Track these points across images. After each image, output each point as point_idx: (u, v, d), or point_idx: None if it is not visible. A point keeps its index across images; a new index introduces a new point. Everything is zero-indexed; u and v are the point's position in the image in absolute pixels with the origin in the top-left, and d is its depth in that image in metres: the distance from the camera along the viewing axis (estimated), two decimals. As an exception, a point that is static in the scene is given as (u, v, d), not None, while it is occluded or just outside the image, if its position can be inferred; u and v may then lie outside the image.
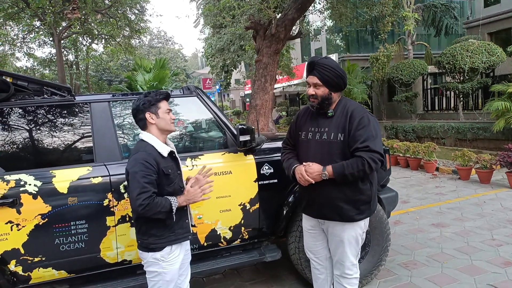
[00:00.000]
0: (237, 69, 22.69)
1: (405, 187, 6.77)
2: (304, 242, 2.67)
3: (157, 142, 2.15)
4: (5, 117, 2.60)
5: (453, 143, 10.23)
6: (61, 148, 2.71)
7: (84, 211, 2.55)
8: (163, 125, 2.19)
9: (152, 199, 1.99)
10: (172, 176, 2.16)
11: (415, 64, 12.14)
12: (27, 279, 2.49)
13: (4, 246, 2.41)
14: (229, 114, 30.57)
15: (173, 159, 2.23)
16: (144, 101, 2.16)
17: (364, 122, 2.24)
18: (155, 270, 2.13)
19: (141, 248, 2.16)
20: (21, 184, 2.44)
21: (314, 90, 2.31)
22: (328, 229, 2.45)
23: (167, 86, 15.77)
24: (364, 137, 2.20)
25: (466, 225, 4.57)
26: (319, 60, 2.30)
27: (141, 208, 1.97)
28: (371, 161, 2.16)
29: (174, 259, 2.17)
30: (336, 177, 2.22)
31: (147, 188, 1.99)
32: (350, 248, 2.41)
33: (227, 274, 3.72)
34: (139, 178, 2.00)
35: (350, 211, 2.30)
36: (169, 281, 2.16)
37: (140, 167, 2.02)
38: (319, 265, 2.62)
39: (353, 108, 2.32)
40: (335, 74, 2.28)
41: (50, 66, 24.82)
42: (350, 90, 12.95)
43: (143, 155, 2.05)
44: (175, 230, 2.15)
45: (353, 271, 2.49)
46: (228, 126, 3.00)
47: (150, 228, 2.10)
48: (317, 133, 2.36)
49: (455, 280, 3.25)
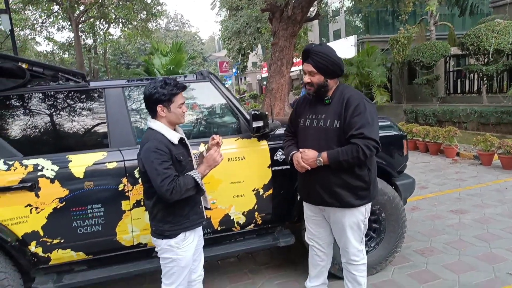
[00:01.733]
0: (254, 52, 22.51)
1: (423, 172, 6.65)
2: (306, 230, 2.69)
3: (167, 130, 2.13)
4: (21, 103, 2.65)
5: (475, 128, 9.93)
6: (77, 134, 2.75)
7: (100, 195, 2.59)
8: (173, 119, 2.16)
9: (175, 182, 2.00)
10: (184, 163, 2.16)
11: (437, 46, 11.73)
12: (47, 260, 2.58)
13: (24, 228, 2.49)
14: (246, 97, 30.50)
15: (184, 145, 2.22)
16: (159, 94, 2.08)
17: (360, 109, 2.24)
18: (169, 256, 2.16)
19: (155, 235, 2.19)
20: (39, 168, 2.49)
21: (310, 78, 2.32)
22: (329, 216, 2.47)
23: (184, 69, 15.81)
24: (359, 124, 2.21)
25: (486, 212, 4.46)
26: (313, 47, 2.30)
27: (169, 193, 1.98)
28: (366, 148, 2.18)
29: (188, 246, 2.19)
30: (331, 163, 2.25)
31: (167, 173, 2.00)
32: (353, 234, 2.43)
33: (242, 258, 3.76)
34: (157, 166, 2.00)
35: (348, 196, 2.32)
36: (183, 267, 2.19)
37: (154, 155, 2.01)
38: (321, 251, 2.65)
39: (350, 94, 2.32)
40: (330, 61, 2.27)
41: (69, 50, 25.15)
42: (369, 73, 12.68)
43: (154, 143, 2.04)
44: (190, 217, 2.17)
45: (359, 257, 2.50)
46: (241, 111, 2.97)
47: (167, 215, 2.12)
48: (315, 120, 2.38)
49: (473, 268, 3.19)
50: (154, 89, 2.09)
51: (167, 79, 2.14)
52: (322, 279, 2.73)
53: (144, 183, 2.16)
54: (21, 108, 2.64)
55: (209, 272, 3.46)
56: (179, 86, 2.14)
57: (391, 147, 3.31)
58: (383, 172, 3.23)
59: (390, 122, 3.48)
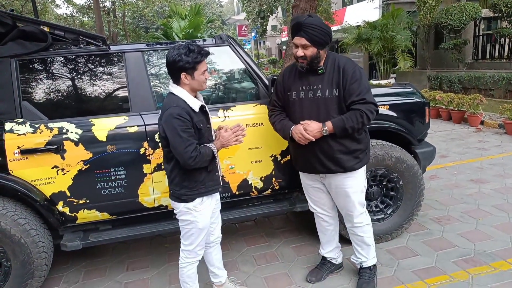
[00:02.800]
0: (274, 14, 21.83)
1: (445, 141, 6.52)
2: (308, 199, 2.73)
3: (189, 96, 2.13)
4: (44, 66, 2.69)
5: (502, 95, 9.55)
6: (98, 98, 2.80)
7: (122, 158, 2.67)
8: (196, 86, 2.15)
9: (198, 150, 2.05)
10: (203, 131, 2.18)
11: (467, 8, 11.11)
12: (73, 219, 2.71)
13: (51, 188, 2.61)
14: (264, 62, 30.02)
15: (203, 113, 2.23)
16: (184, 62, 2.04)
17: (356, 76, 2.26)
18: (187, 219, 2.23)
19: (173, 198, 2.25)
20: (64, 131, 2.57)
21: (303, 51, 2.28)
22: (330, 183, 2.50)
23: (202, 33, 15.59)
24: (359, 90, 2.25)
25: (507, 182, 4.39)
26: (305, 20, 2.24)
27: (192, 160, 2.02)
28: (369, 112, 2.26)
29: (205, 209, 2.25)
30: (337, 131, 2.28)
31: (190, 141, 2.03)
32: (356, 197, 2.48)
33: (258, 221, 3.86)
34: (181, 133, 2.01)
35: (350, 161, 2.38)
36: (202, 229, 2.26)
37: (178, 122, 2.02)
38: (327, 216, 2.70)
39: (344, 62, 2.32)
40: (322, 32, 2.24)
41: (88, 13, 25.05)
42: (393, 37, 12.19)
43: (177, 110, 2.04)
44: (206, 183, 2.21)
45: (363, 218, 2.57)
46: (260, 77, 2.95)
47: (183, 180, 2.17)
48: (310, 91, 2.35)
49: (490, 237, 3.19)
50: (179, 56, 2.04)
51: (191, 45, 2.08)
52: (334, 243, 2.79)
53: (164, 147, 2.20)
54: (44, 72, 2.69)
55: (227, 234, 3.58)
56: (203, 53, 2.10)
57: (413, 114, 3.24)
58: (403, 140, 3.19)
59: (413, 88, 3.39)
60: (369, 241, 2.61)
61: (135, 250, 3.44)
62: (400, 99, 3.21)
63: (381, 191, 3.16)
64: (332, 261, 2.81)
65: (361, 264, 2.68)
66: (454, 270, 2.76)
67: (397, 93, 3.30)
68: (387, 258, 2.97)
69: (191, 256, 2.31)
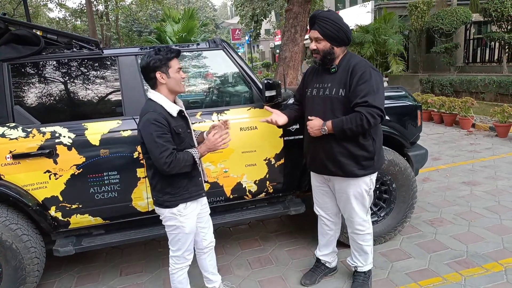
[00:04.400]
0: (267, 18, 21.96)
1: (437, 143, 6.58)
2: (313, 200, 2.74)
3: (166, 101, 2.12)
4: (37, 70, 2.68)
5: (493, 98, 9.68)
6: (91, 102, 2.78)
7: (115, 162, 2.66)
8: (173, 86, 2.14)
9: (174, 155, 2.03)
10: (183, 135, 2.16)
11: (458, 12, 11.27)
12: (66, 223, 2.69)
13: (44, 193, 2.59)
14: (258, 66, 30.10)
15: (183, 118, 2.21)
16: (155, 60, 2.07)
17: (365, 77, 2.21)
18: (173, 224, 2.22)
19: (156, 204, 2.24)
20: (56, 136, 2.56)
21: (316, 45, 2.31)
22: (334, 186, 2.51)
23: (196, 37, 15.59)
24: (364, 92, 2.18)
25: (499, 184, 4.44)
26: (319, 13, 2.27)
27: (167, 166, 2.01)
28: (370, 116, 2.16)
29: (190, 213, 2.24)
30: (335, 132, 2.26)
31: (165, 146, 2.01)
32: (357, 204, 2.46)
33: (253, 225, 3.86)
34: (156, 138, 2.00)
35: (351, 166, 2.34)
36: (188, 234, 2.25)
37: (154, 127, 2.01)
38: (329, 221, 2.71)
39: (356, 62, 2.29)
40: (335, 27, 2.25)
41: (81, 17, 24.95)
42: (385, 41, 12.31)
43: (154, 115, 2.03)
44: (188, 188, 2.20)
45: (365, 227, 2.55)
46: (254, 80, 2.96)
47: (166, 186, 2.15)
48: (321, 89, 2.38)
49: (482, 238, 3.22)
50: (150, 57, 2.08)
51: (160, 47, 2.15)
52: (331, 247, 2.80)
53: (143, 153, 2.18)
54: (36, 76, 2.67)
55: (221, 238, 3.57)
56: (173, 50, 2.13)
57: (405, 117, 3.27)
58: (395, 143, 3.22)
59: (405, 92, 3.42)
60: (368, 250, 2.61)
61: (128, 255, 3.41)
62: (392, 103, 3.24)
63: (375, 194, 3.18)
64: (326, 264, 2.81)
65: (356, 268, 2.69)
66: (447, 272, 2.78)
67: (389, 96, 3.32)
68: (381, 261, 2.99)
69: (180, 261, 2.31)
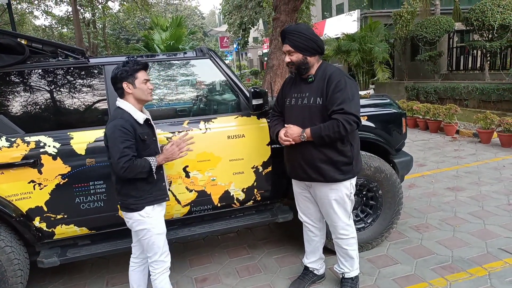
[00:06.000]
0: (255, 27, 22.12)
1: (422, 150, 6.69)
2: (297, 208, 2.77)
3: (133, 109, 2.22)
4: (21, 79, 2.65)
5: (476, 105, 9.90)
6: (77, 111, 2.76)
7: (101, 171, 2.64)
8: (140, 95, 2.25)
9: (132, 161, 2.10)
10: (148, 142, 2.25)
11: (441, 21, 11.54)
12: (51, 234, 2.65)
13: (28, 204, 2.54)
14: (246, 74, 30.21)
15: (149, 126, 2.31)
16: (122, 71, 2.19)
17: (341, 85, 2.30)
18: (143, 227, 2.26)
19: (123, 208, 2.27)
20: (41, 145, 2.53)
21: (290, 58, 2.41)
22: (315, 192, 2.55)
23: (184, 45, 15.58)
24: (340, 100, 2.28)
25: (482, 190, 4.52)
26: (288, 28, 2.40)
27: (123, 171, 2.08)
28: (346, 123, 2.25)
29: (157, 214, 2.31)
30: (314, 138, 2.34)
31: (126, 152, 2.09)
32: (339, 208, 2.51)
33: (241, 233, 3.85)
34: (119, 144, 2.09)
35: (330, 171, 2.41)
36: (160, 234, 2.30)
37: (119, 133, 2.10)
38: (314, 227, 2.74)
39: (331, 72, 2.39)
40: (304, 38, 2.35)
41: (67, 25, 24.75)
42: (371, 49, 12.50)
43: (121, 122, 2.13)
44: (152, 192, 2.26)
45: (348, 231, 2.59)
46: (241, 89, 2.98)
47: (129, 190, 2.21)
48: (299, 98, 2.46)
49: (466, 243, 3.27)
50: (118, 69, 2.21)
51: (129, 59, 2.27)
52: (318, 254, 2.81)
53: (108, 158, 2.24)
54: (21, 85, 2.64)
55: (209, 246, 3.56)
56: (140, 63, 2.25)
57: (390, 124, 3.33)
58: (381, 150, 3.27)
59: (390, 99, 3.48)
60: (353, 254, 2.64)
61: (115, 265, 3.37)
62: (377, 110, 3.29)
63: (361, 201, 3.22)
64: (314, 271, 2.82)
65: (343, 275, 2.71)
66: (432, 277, 2.82)
67: (375, 104, 3.37)
68: (368, 267, 3.01)
69: (159, 265, 2.33)
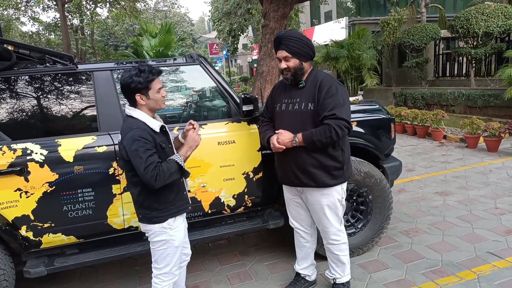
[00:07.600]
0: (245, 33, 22.22)
1: (411, 155, 6.76)
2: (288, 213, 2.77)
3: (148, 118, 2.11)
4: (8, 86, 2.61)
5: (462, 111, 10.07)
6: (65, 117, 2.73)
7: (90, 179, 2.60)
8: (153, 105, 2.14)
9: (158, 167, 2.01)
10: (167, 150, 2.17)
11: (427, 29, 11.74)
12: (38, 243, 2.59)
13: (14, 212, 2.49)
14: (236, 80, 30.27)
15: (164, 133, 2.22)
16: (135, 83, 2.04)
17: (332, 91, 2.33)
18: (163, 239, 2.17)
19: (144, 221, 2.18)
20: (28, 152, 2.48)
21: (286, 64, 2.40)
22: (307, 197, 2.55)
23: (173, 51, 15.56)
24: (332, 106, 2.31)
25: (470, 194, 4.58)
26: (283, 34, 2.40)
27: (154, 180, 1.98)
28: (338, 128, 2.28)
29: (180, 225, 2.23)
30: (306, 143, 2.35)
31: (150, 161, 1.99)
32: (331, 214, 2.52)
33: (232, 239, 3.83)
34: (141, 154, 1.99)
35: (322, 176, 2.42)
36: (177, 247, 2.23)
37: (139, 143, 2.00)
38: (305, 233, 2.74)
39: (322, 77, 2.41)
40: (301, 43, 2.37)
41: (55, 31, 24.53)
42: (359, 56, 12.65)
43: (138, 132, 2.02)
44: (176, 203, 2.19)
45: (340, 236, 2.60)
46: (231, 95, 2.98)
47: (153, 202, 2.13)
48: (290, 104, 2.47)
49: (455, 247, 3.30)
50: (130, 79, 2.05)
51: (141, 66, 2.09)
52: (309, 260, 2.81)
53: (127, 171, 2.15)
54: (8, 91, 2.60)
55: (200, 254, 3.52)
56: (154, 72, 2.10)
57: (379, 130, 3.36)
58: (370, 155, 3.29)
59: (378, 105, 3.52)
60: (345, 260, 2.64)
61: (104, 274, 3.31)
62: (367, 116, 3.32)
63: (352, 206, 3.23)
64: (305, 277, 2.82)
65: (335, 280, 2.71)
66: (423, 282, 2.83)
67: (364, 110, 3.41)
68: (359, 272, 3.01)
69: (167, 278, 2.24)
